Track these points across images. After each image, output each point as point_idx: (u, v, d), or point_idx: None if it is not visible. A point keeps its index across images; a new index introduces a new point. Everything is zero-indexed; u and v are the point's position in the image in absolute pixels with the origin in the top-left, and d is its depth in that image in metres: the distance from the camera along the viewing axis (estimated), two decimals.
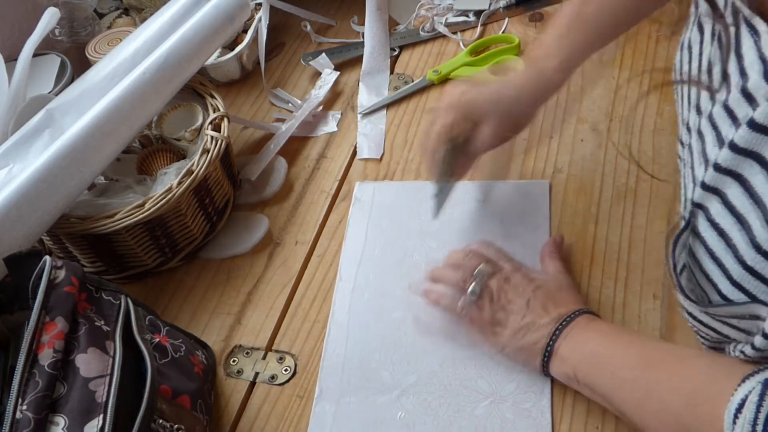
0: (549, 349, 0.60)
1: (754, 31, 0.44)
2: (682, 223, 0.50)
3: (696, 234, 0.49)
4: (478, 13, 0.99)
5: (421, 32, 0.99)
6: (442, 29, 0.99)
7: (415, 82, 0.93)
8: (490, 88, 0.68)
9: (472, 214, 0.77)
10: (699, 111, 0.50)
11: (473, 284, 0.65)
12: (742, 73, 0.44)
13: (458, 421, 0.62)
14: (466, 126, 0.68)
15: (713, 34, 0.49)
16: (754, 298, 0.46)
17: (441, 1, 1.01)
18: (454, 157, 0.69)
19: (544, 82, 0.68)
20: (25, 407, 0.49)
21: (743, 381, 0.45)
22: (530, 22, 0.97)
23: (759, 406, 0.43)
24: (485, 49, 0.95)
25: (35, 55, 0.77)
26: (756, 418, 0.42)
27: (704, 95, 0.50)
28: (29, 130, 0.72)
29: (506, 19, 0.98)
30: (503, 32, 0.96)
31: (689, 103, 0.53)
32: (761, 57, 0.42)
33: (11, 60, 0.78)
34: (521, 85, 0.68)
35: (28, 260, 0.57)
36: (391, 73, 0.96)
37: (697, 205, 0.48)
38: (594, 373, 0.58)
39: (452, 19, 0.99)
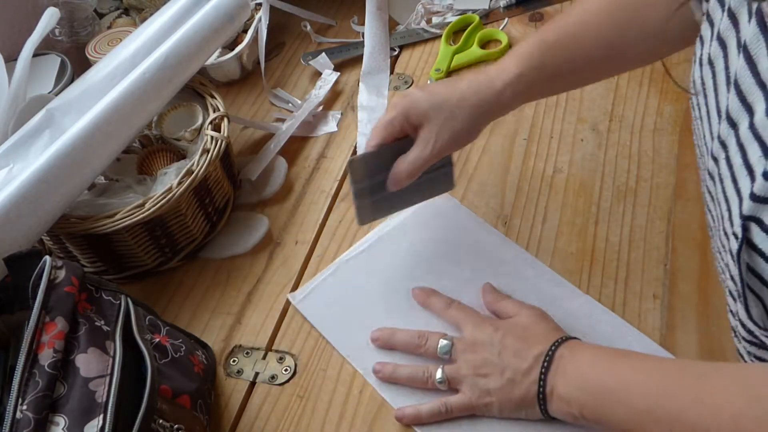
0: (542, 394, 0.56)
1: None
2: (735, 241, 0.46)
3: (753, 248, 0.45)
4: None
5: (421, 32, 1.00)
6: (441, 29, 0.99)
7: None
8: (436, 91, 0.64)
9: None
10: (733, 124, 0.47)
11: (439, 371, 0.61)
12: None
13: None
14: (405, 128, 0.64)
15: (739, 46, 0.47)
16: None
17: (441, 1, 1.01)
18: (381, 163, 0.65)
19: (492, 94, 0.64)
20: (25, 407, 0.49)
21: None
22: (530, 22, 0.97)
23: None
24: (460, 33, 0.97)
25: (35, 55, 0.77)
26: None
27: (737, 107, 0.47)
28: (29, 130, 0.72)
29: (506, 19, 0.98)
30: (502, 29, 0.97)
31: (719, 116, 0.50)
32: None
33: (11, 60, 0.78)
34: (464, 92, 0.63)
35: (28, 260, 0.57)
36: (392, 73, 0.96)
37: (749, 218, 0.44)
38: (605, 409, 0.53)
39: (452, 19, 0.99)
